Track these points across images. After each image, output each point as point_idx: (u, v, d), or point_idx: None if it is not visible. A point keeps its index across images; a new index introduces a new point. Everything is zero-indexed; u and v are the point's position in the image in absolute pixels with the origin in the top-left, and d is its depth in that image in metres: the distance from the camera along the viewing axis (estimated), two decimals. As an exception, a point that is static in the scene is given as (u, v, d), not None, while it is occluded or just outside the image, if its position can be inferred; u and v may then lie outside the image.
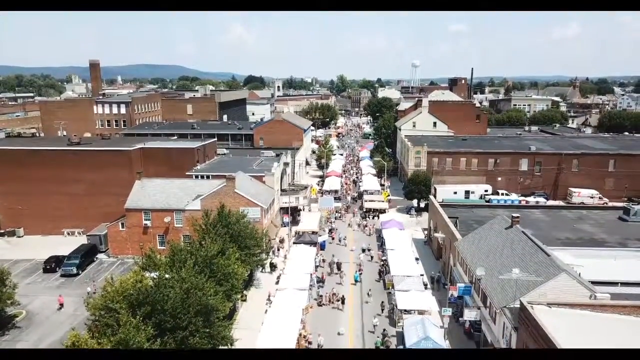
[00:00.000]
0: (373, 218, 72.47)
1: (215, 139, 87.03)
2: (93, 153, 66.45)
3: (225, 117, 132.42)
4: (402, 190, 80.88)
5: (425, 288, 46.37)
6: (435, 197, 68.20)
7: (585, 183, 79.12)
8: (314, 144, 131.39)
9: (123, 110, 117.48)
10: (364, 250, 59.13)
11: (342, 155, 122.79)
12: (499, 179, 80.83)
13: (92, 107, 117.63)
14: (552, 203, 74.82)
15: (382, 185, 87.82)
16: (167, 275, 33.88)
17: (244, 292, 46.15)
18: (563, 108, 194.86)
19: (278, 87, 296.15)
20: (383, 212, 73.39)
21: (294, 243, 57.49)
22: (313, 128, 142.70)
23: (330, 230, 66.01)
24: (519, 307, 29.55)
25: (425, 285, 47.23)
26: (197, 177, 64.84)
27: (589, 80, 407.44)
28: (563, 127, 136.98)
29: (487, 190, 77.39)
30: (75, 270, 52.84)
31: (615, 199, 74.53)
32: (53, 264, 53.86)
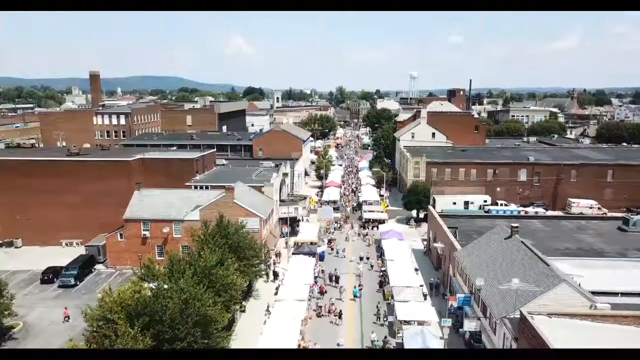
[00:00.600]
0: (372, 228, 72.35)
1: (215, 150, 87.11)
2: (92, 163, 66.43)
3: (225, 128, 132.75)
4: (401, 201, 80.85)
5: (425, 299, 46.17)
6: (435, 207, 68.18)
7: (584, 193, 79.17)
8: (313, 155, 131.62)
9: (123, 121, 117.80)
10: (362, 259, 59.19)
11: (341, 166, 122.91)
12: (498, 190, 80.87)
13: (91, 118, 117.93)
14: (551, 213, 74.79)
15: (381, 196, 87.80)
16: (165, 286, 33.72)
17: (243, 302, 45.93)
18: (561, 119, 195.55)
19: (277, 98, 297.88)
20: (382, 222, 73.30)
21: (293, 254, 57.30)
22: (312, 139, 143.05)
23: (330, 241, 65.87)
24: (519, 317, 29.43)
25: (425, 296, 47.03)
26: (196, 187, 64.88)
27: (587, 92, 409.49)
28: (561, 137, 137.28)
29: (486, 201, 77.46)
30: (73, 281, 52.60)
31: (614, 209, 74.54)
32: (51, 275, 53.63)
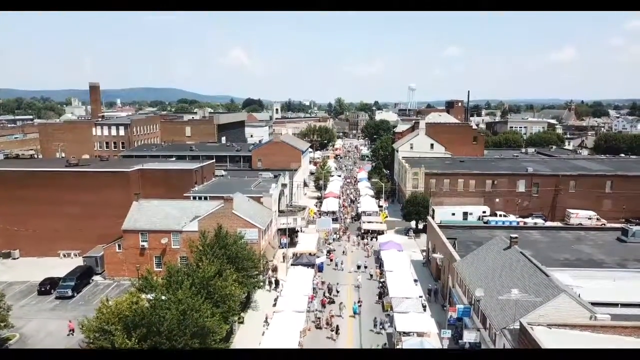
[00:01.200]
0: (371, 239, 72.18)
1: (214, 161, 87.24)
2: (91, 174, 66.43)
3: (224, 139, 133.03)
4: (400, 212, 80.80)
5: (425, 310, 45.94)
6: (434, 218, 68.12)
7: (583, 204, 79.21)
8: (312, 166, 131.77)
9: (122, 132, 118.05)
10: (359, 267, 59.17)
11: (340, 177, 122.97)
12: (497, 200, 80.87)
13: (91, 129, 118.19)
14: (550, 224, 74.76)
15: (380, 207, 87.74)
16: (163, 297, 33.52)
17: (241, 314, 45.62)
18: (559, 130, 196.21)
19: (276, 109, 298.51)
20: (381, 233, 73.14)
21: (292, 264, 57.08)
22: (311, 150, 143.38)
23: (329, 252, 65.66)
24: (519, 328, 29.28)
25: (425, 307, 46.80)
26: (195, 198, 64.77)
27: (584, 103, 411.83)
28: (559, 149, 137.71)
29: (485, 212, 77.41)
30: (71, 293, 52.22)
31: (613, 220, 74.51)
32: (48, 286, 53.23)
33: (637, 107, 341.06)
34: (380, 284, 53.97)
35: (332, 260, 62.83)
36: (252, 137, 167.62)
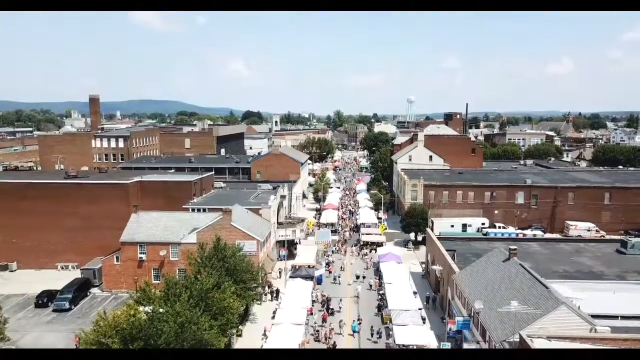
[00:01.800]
0: (370, 251, 72.02)
1: (213, 173, 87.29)
2: (90, 186, 66.38)
3: (223, 151, 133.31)
4: (399, 224, 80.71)
5: (424, 322, 45.70)
6: (433, 230, 68.02)
7: (582, 216, 79.25)
8: (311, 177, 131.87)
9: (121, 144, 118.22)
10: (358, 277, 59.03)
11: (339, 189, 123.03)
12: (496, 212, 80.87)
13: (90, 141, 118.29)
14: (549, 236, 74.71)
15: (379, 219, 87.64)
16: (161, 309, 33.34)
17: (240, 326, 45.33)
18: (557, 142, 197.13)
19: (276, 122, 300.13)
20: (380, 245, 73.00)
21: (291, 277, 56.87)
22: (310, 162, 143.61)
23: (327, 264, 65.44)
24: (519, 340, 29.10)
25: (424, 320, 46.55)
26: (193, 210, 64.66)
27: (582, 115, 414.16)
28: (558, 160, 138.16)
29: (484, 223, 77.32)
30: (68, 305, 51.90)
31: (612, 232, 74.56)
32: (45, 299, 52.91)
33: (634, 119, 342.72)
34: (380, 296, 53.77)
35: (330, 272, 62.62)
36: (251, 149, 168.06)
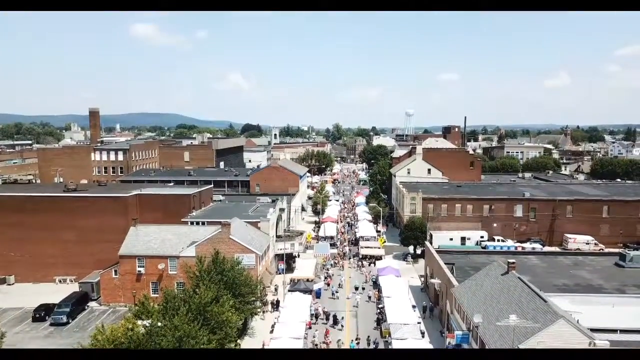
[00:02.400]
0: (369, 265, 71.86)
1: (212, 186, 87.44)
2: (88, 200, 66.40)
3: (222, 164, 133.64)
4: (398, 237, 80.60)
5: (423, 336, 45.47)
6: (431, 243, 68.02)
7: (580, 229, 79.28)
8: (310, 190, 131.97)
9: (120, 157, 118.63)
10: (357, 288, 58.87)
11: (337, 201, 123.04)
12: (495, 225, 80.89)
13: (89, 154, 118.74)
14: (547, 249, 74.66)
15: (378, 232, 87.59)
16: (159, 323, 33.23)
17: (238, 340, 45.05)
18: (555, 155, 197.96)
19: (275, 135, 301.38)
20: (379, 258, 72.85)
21: (289, 291, 56.65)
22: (309, 174, 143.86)
23: (326, 277, 65.21)
24: (518, 355, 29.00)
25: (423, 334, 46.34)
26: (192, 223, 64.69)
27: (580, 129, 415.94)
28: (556, 173, 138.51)
29: (482, 237, 77.35)
30: (65, 319, 51.57)
31: (611, 245, 74.51)
32: (43, 313, 52.62)
33: (631, 132, 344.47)
34: (379, 310, 53.56)
35: (329, 285, 62.40)
36: (250, 162, 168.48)
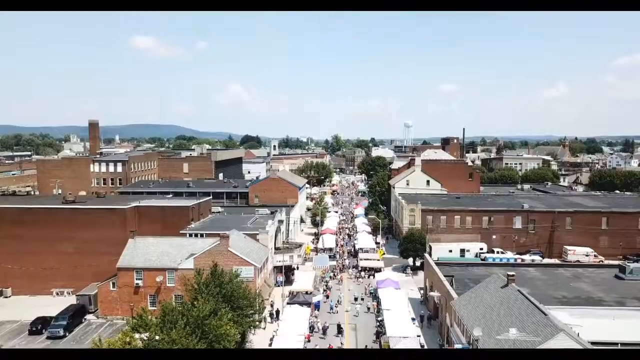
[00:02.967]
0: (369, 277, 71.55)
1: (211, 197, 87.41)
2: (87, 211, 66.20)
3: (221, 175, 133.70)
4: (397, 248, 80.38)
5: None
6: (431, 255, 67.81)
7: (580, 241, 79.18)
8: (309, 202, 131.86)
9: (119, 169, 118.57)
10: (356, 299, 58.72)
11: (336, 213, 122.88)
12: (494, 237, 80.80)
13: (88, 165, 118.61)
14: (547, 261, 74.49)
15: (377, 244, 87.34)
16: (157, 337, 32.98)
17: (236, 354, 44.68)
18: (554, 167, 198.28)
19: (274, 146, 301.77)
20: (378, 270, 72.52)
21: (288, 303, 56.35)
22: (308, 186, 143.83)
23: (325, 290, 64.90)
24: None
25: (423, 347, 46.04)
26: (191, 235, 64.51)
27: (578, 140, 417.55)
28: (555, 185, 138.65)
29: (482, 249, 77.18)
30: (62, 332, 51.18)
31: (611, 257, 74.38)
32: (39, 326, 52.20)
33: (629, 143, 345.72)
34: (378, 323, 53.23)
35: (328, 298, 62.08)
36: (249, 173, 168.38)
